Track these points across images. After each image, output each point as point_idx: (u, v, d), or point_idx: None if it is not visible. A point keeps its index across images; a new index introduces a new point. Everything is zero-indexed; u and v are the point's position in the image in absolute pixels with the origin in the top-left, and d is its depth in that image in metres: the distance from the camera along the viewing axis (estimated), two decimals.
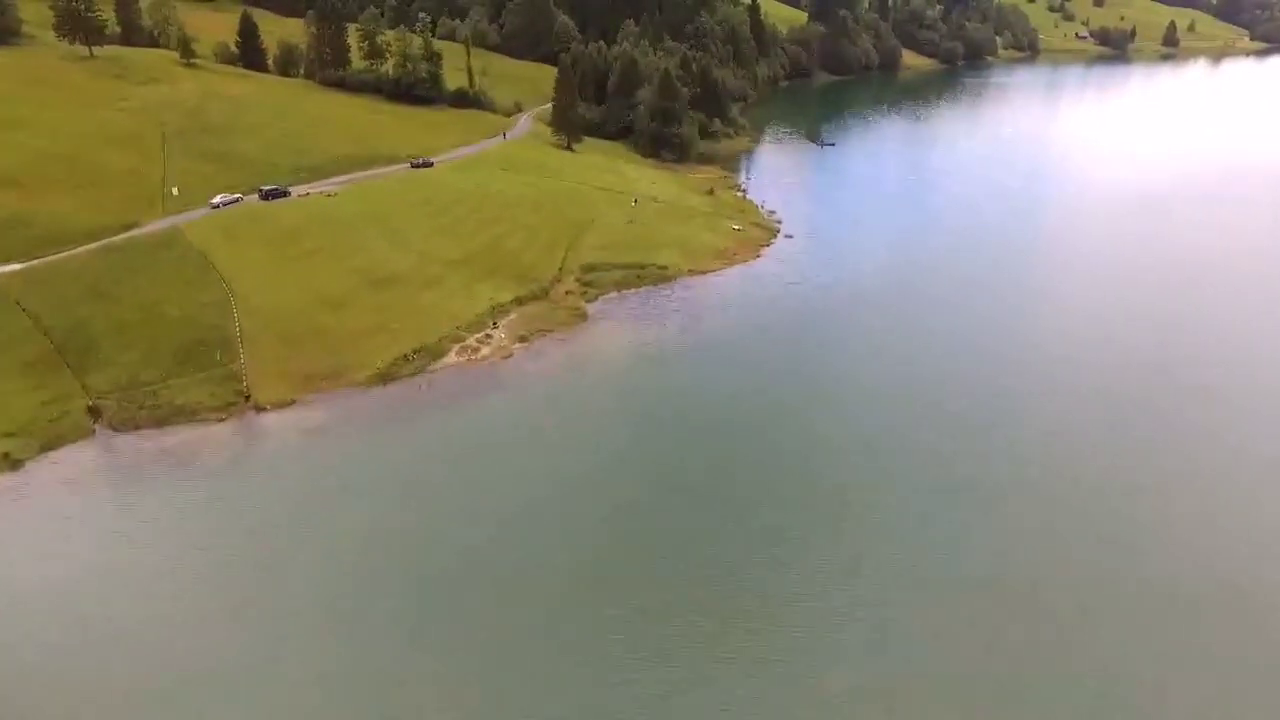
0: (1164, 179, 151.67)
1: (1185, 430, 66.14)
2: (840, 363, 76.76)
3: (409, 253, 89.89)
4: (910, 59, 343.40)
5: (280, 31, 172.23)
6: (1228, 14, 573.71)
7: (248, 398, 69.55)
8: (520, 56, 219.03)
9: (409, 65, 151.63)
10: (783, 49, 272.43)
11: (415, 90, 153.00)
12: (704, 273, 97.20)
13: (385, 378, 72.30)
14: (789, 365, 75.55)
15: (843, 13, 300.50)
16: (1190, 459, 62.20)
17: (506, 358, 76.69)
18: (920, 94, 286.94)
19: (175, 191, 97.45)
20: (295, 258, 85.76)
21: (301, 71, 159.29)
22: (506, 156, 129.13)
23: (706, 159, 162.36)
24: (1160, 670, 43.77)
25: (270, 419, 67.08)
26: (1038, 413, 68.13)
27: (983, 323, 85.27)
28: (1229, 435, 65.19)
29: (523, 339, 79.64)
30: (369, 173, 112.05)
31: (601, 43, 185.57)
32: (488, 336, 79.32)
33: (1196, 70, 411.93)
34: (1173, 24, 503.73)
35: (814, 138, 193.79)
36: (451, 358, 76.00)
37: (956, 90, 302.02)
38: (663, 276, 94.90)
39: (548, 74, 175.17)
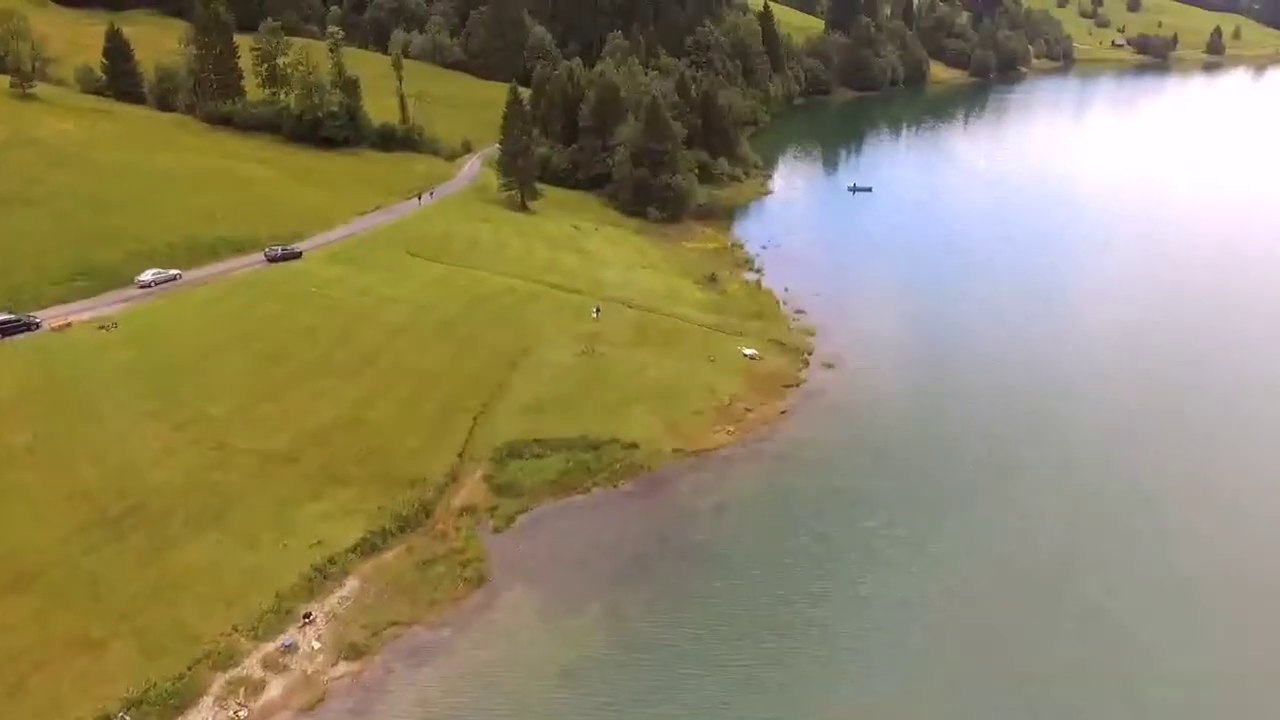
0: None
1: None
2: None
3: (194, 447, 53.13)
4: (938, 71, 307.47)
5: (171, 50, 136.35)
6: (1275, 19, 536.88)
7: None
8: (488, 76, 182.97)
9: (314, 96, 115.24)
10: (798, 62, 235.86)
11: (324, 130, 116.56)
12: (697, 453, 60.15)
13: None
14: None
15: (865, 20, 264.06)
16: None
17: (312, 706, 39.88)
18: (956, 113, 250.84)
19: None
20: None
21: (183, 104, 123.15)
22: (423, 231, 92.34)
23: (707, 213, 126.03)
24: None
25: None
26: None
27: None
28: None
29: (354, 651, 42.53)
30: (201, 272, 75.35)
31: (578, 61, 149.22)
32: (286, 651, 42.40)
33: (1251, 81, 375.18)
34: (1217, 30, 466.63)
35: (841, 175, 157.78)
36: (203, 713, 39.21)
37: (995, 108, 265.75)
38: (628, 465, 57.84)
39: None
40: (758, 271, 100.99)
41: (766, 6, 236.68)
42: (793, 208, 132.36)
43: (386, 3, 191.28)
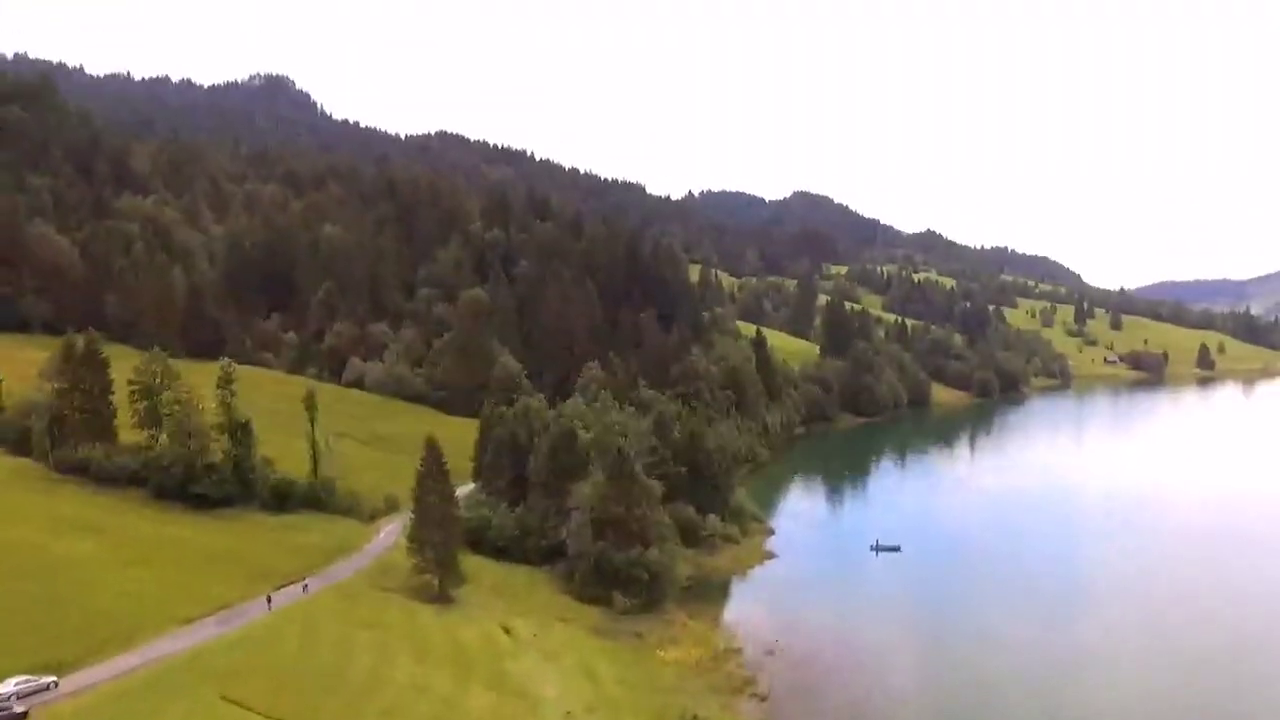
0: None
1: None
2: None
3: None
4: (941, 393, 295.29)
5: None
6: (1251, 336, 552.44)
7: None
8: (455, 412, 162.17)
9: (189, 442, 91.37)
10: (796, 388, 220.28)
11: (199, 485, 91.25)
12: None
13: None
14: None
15: (861, 344, 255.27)
16: None
17: None
18: (967, 436, 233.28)
19: None
20: None
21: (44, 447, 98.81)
22: (263, 655, 61.84)
23: (693, 591, 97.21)
24: None
25: None
26: None
27: None
28: None
29: None
30: None
31: (540, 397, 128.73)
32: None
33: (1243, 396, 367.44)
34: (1204, 346, 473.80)
35: (856, 522, 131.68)
36: None
37: (1008, 430, 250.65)
38: None
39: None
40: (762, 700, 70.04)
41: (759, 332, 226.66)
42: (802, 580, 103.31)
43: (347, 330, 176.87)
